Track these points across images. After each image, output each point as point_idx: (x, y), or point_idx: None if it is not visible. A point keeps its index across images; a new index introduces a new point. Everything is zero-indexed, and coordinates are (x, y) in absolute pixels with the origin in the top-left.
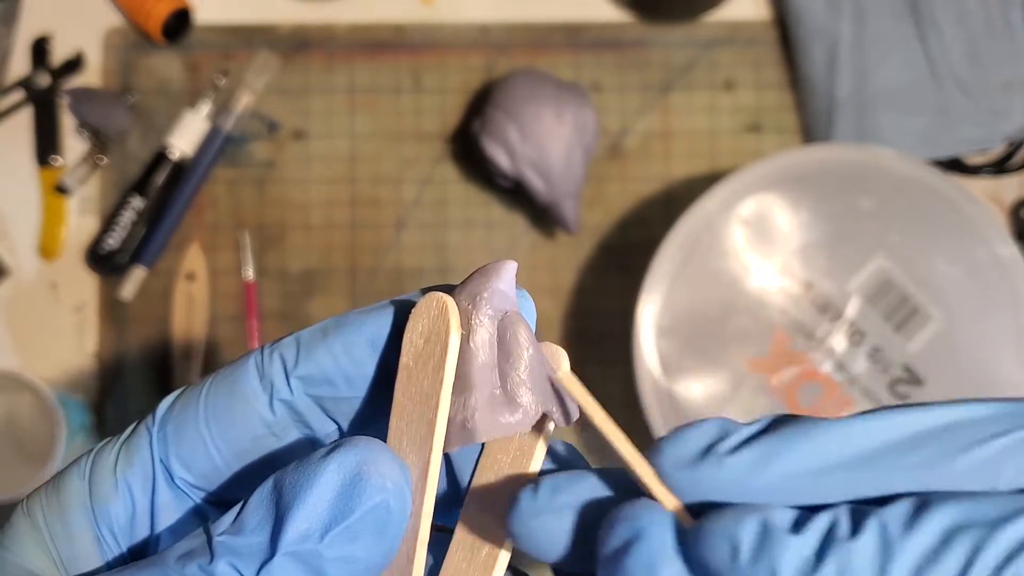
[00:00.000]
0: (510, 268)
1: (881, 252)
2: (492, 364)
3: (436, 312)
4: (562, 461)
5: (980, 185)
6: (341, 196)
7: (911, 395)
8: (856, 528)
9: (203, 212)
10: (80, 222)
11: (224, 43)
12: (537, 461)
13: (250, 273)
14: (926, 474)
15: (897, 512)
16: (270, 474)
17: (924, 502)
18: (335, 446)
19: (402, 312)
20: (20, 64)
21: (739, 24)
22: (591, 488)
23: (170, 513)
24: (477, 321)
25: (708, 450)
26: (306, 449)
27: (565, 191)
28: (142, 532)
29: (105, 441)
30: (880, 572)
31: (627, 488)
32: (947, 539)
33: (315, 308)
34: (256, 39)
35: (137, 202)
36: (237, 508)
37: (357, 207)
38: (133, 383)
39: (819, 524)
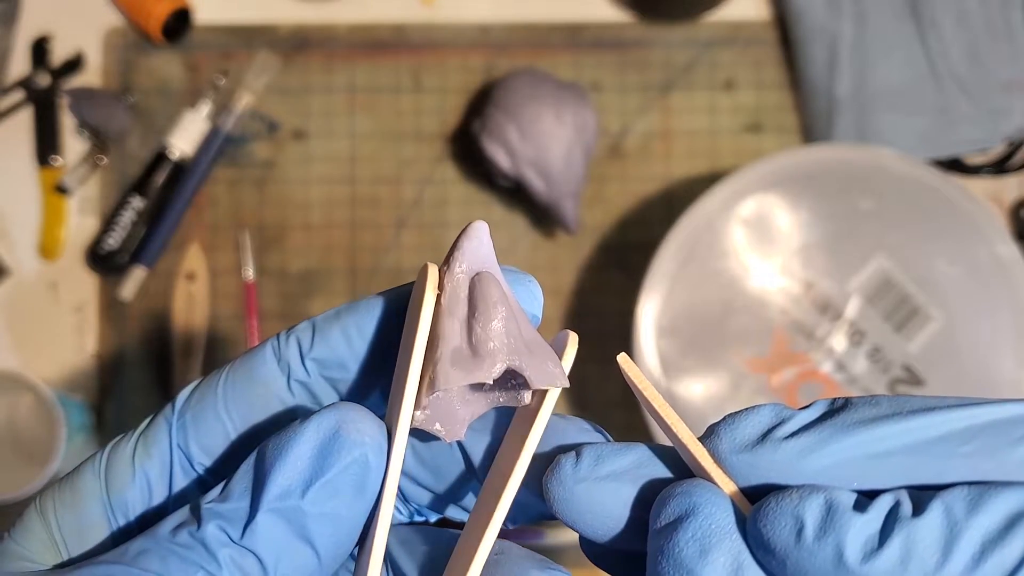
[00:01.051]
0: (478, 227)
1: (881, 252)
2: (461, 319)
3: (421, 279)
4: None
5: (980, 185)
6: (341, 196)
7: (911, 395)
8: (919, 509)
9: (203, 212)
10: (80, 222)
11: (224, 43)
12: (536, 430)
13: (250, 273)
14: (982, 463)
15: (960, 495)
16: None
17: (985, 488)
18: (315, 411)
19: (408, 296)
20: (20, 64)
21: (739, 24)
22: (636, 462)
23: (188, 500)
24: (448, 280)
25: (765, 435)
26: None
27: (565, 191)
28: (158, 518)
29: (120, 436)
30: (945, 550)
31: (674, 464)
32: (1011, 523)
33: (315, 308)
34: (256, 39)
35: (137, 202)
36: (227, 480)
37: (357, 207)
38: (133, 383)
39: (883, 504)
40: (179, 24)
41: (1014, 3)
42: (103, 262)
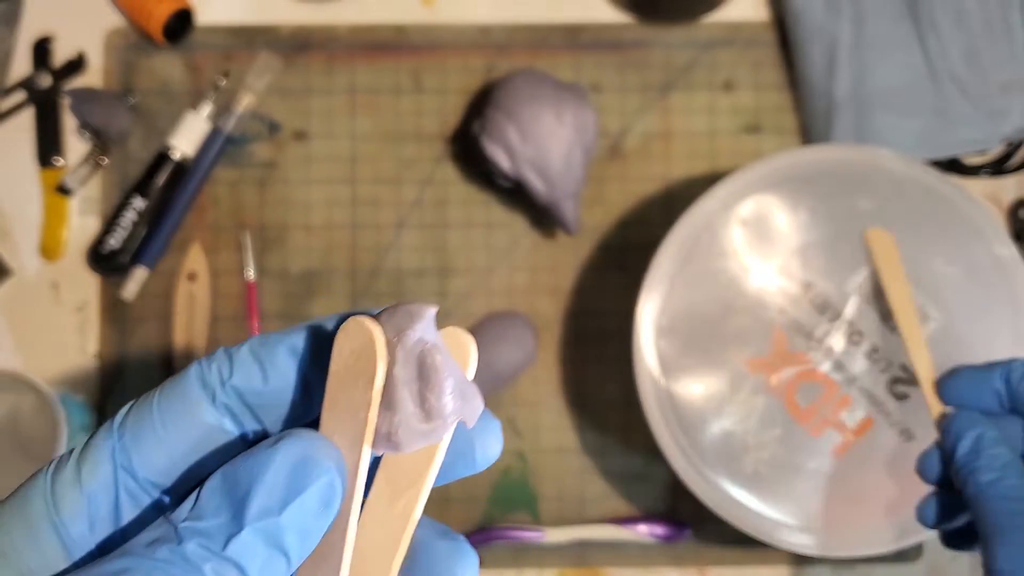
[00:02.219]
0: (430, 312)
1: None
2: (414, 388)
3: (365, 339)
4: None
5: (979, 186)
6: (342, 196)
7: (910, 394)
8: None
9: (204, 212)
10: (81, 223)
11: (225, 44)
12: (443, 446)
13: (251, 273)
14: None
15: None
16: (217, 465)
17: None
18: (280, 438)
19: (317, 335)
20: (22, 65)
21: (739, 25)
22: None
23: (133, 512)
24: (401, 353)
25: None
26: (242, 445)
27: (565, 191)
28: (108, 532)
29: (58, 458)
30: None
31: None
32: None
33: (316, 308)
34: (257, 40)
35: (138, 203)
36: (192, 498)
37: (358, 207)
38: (134, 383)
39: None
40: (180, 25)
41: (1013, 4)
42: (104, 262)
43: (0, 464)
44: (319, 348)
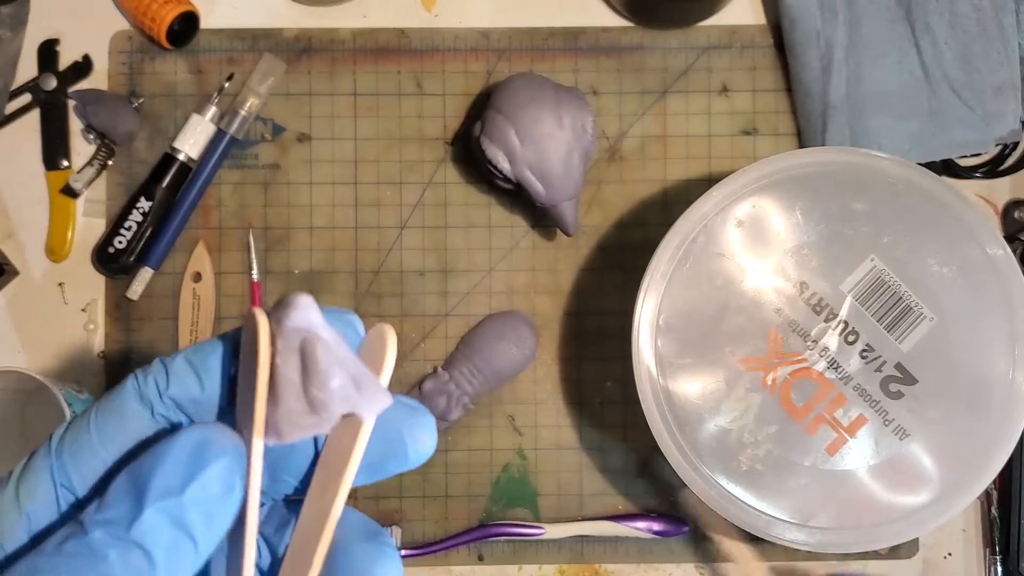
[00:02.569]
0: (304, 301)
1: (874, 253)
2: (295, 379)
3: (254, 330)
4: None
5: (973, 187)
6: (344, 198)
7: (904, 393)
8: None
9: (209, 213)
10: (87, 223)
11: (229, 47)
12: (360, 445)
13: (255, 273)
14: None
15: None
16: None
17: None
18: (181, 430)
19: (236, 337)
20: (28, 67)
21: (735, 29)
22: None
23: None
24: (281, 343)
25: None
26: None
27: (564, 193)
28: None
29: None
30: None
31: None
32: None
33: None
34: (261, 43)
35: (144, 204)
36: (101, 496)
37: (360, 209)
38: None
39: None
40: (185, 28)
41: (1007, 7)
42: (110, 263)
43: (6, 462)
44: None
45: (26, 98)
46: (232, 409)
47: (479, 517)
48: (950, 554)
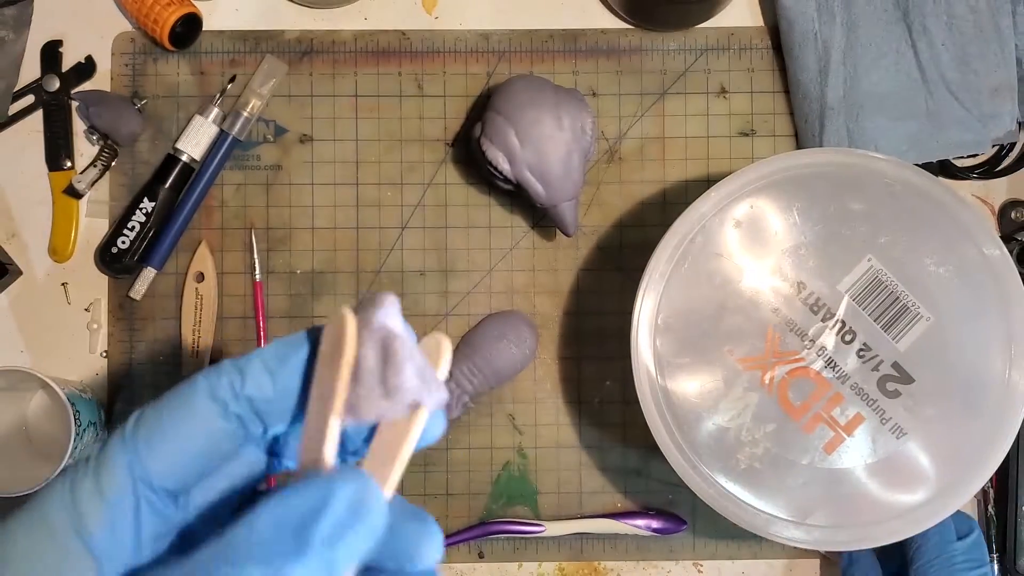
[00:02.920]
0: (390, 299)
1: (871, 253)
2: (374, 368)
3: (340, 324)
4: None
5: (969, 188)
6: (346, 199)
7: (901, 392)
8: None
9: (211, 214)
10: (90, 224)
11: (232, 49)
12: (418, 427)
13: (258, 274)
14: None
15: None
16: (224, 466)
17: None
18: (333, 476)
19: (316, 337)
20: (31, 69)
21: (733, 31)
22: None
23: (152, 519)
24: (366, 335)
25: None
26: (250, 448)
27: (564, 194)
28: (130, 539)
29: (72, 469)
30: None
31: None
32: None
33: (321, 308)
34: (263, 45)
35: (147, 204)
36: (248, 522)
37: (361, 209)
38: (142, 381)
39: None
40: (188, 30)
41: (1003, 9)
42: (113, 263)
43: (10, 460)
44: (316, 349)
45: (29, 99)
46: (302, 408)
47: (479, 515)
48: None
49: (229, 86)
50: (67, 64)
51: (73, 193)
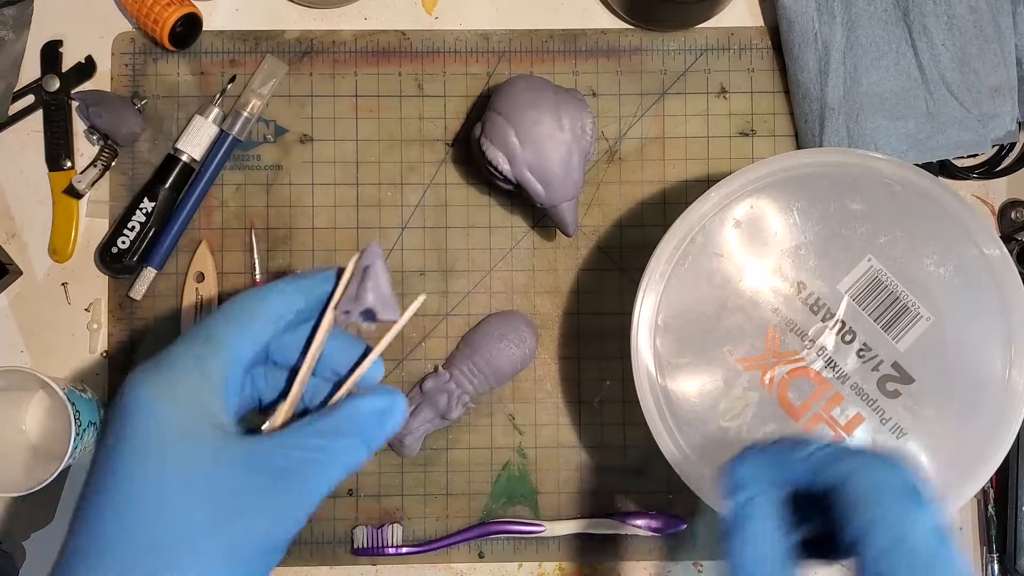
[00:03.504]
0: (375, 249)
1: (871, 253)
2: (355, 285)
3: (352, 259)
4: None
5: (969, 188)
6: (346, 199)
7: (901, 392)
8: None
9: (212, 214)
10: (91, 224)
11: (232, 49)
12: (396, 326)
13: (258, 274)
14: None
15: None
16: (290, 333)
17: None
18: (377, 392)
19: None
20: (31, 69)
21: (733, 31)
22: None
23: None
24: (359, 267)
25: None
26: (293, 319)
27: (564, 194)
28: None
29: (171, 367)
30: None
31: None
32: None
33: None
34: (263, 45)
35: (147, 204)
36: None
37: (362, 209)
38: None
39: None
40: (188, 30)
41: (1004, 9)
42: (113, 263)
43: (10, 460)
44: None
45: (29, 99)
46: (322, 312)
47: (479, 515)
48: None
49: (229, 86)
50: (67, 64)
51: (73, 193)
